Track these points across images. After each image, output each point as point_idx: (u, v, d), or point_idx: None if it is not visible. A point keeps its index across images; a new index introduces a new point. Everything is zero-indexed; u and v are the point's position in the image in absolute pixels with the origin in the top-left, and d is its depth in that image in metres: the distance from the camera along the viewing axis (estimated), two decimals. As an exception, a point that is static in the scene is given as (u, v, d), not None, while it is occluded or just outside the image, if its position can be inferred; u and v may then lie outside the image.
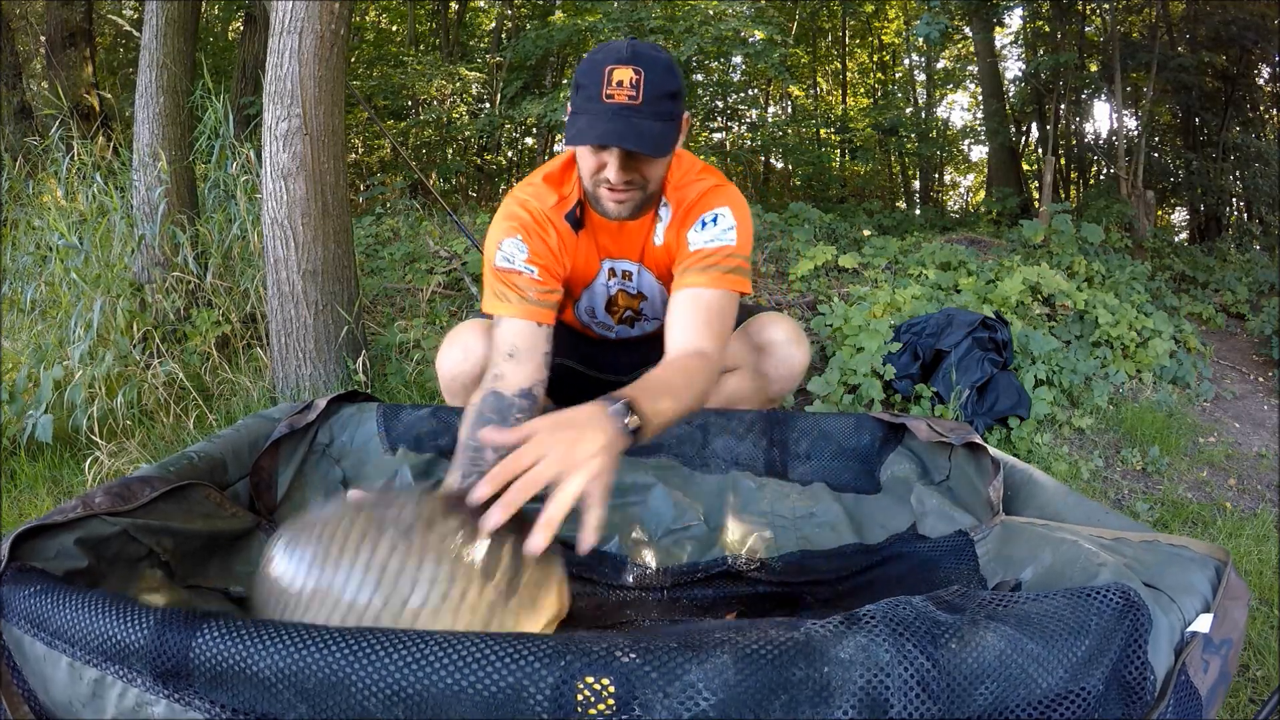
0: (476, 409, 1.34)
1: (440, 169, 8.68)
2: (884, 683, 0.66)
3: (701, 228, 1.45)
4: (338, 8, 2.44)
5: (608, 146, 1.29)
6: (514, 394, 1.36)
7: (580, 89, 1.29)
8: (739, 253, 1.44)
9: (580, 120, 1.27)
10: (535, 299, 1.44)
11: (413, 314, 3.35)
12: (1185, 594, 0.79)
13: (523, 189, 1.52)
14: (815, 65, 13.04)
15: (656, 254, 1.56)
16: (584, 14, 7.81)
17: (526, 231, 1.47)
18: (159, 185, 3.06)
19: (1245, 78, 8.60)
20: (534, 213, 1.48)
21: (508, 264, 1.45)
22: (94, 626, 0.74)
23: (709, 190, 1.48)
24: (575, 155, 1.46)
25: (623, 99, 1.24)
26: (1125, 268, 4.44)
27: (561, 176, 1.51)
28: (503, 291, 1.44)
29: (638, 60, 1.26)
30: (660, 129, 1.28)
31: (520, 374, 1.38)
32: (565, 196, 1.50)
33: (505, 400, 1.35)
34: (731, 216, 1.45)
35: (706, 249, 1.42)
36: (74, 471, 2.15)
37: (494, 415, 1.33)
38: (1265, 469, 2.78)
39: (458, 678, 0.66)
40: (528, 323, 1.42)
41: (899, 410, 2.77)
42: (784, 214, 5.67)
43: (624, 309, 1.71)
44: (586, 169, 1.37)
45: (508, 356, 1.40)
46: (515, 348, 1.40)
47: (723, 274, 1.41)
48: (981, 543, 1.18)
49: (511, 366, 1.39)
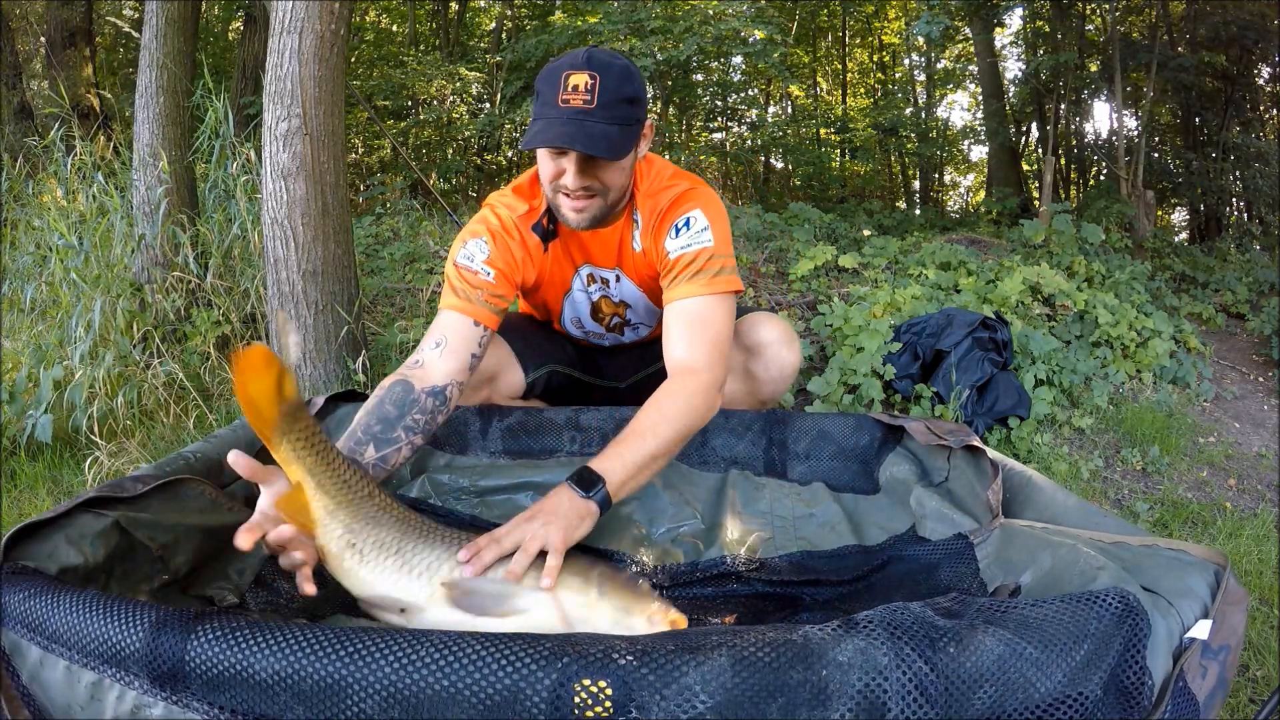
0: (379, 398, 1.33)
1: (440, 169, 8.68)
2: (882, 686, 0.66)
3: (675, 234, 1.45)
4: (338, 8, 2.44)
5: (566, 152, 1.31)
6: (423, 389, 1.34)
7: (539, 95, 1.31)
8: (719, 252, 1.44)
9: (536, 125, 1.29)
10: (483, 300, 1.45)
11: (413, 314, 3.35)
12: (1184, 598, 0.79)
13: (496, 197, 1.55)
14: (815, 65, 13.04)
15: (636, 260, 1.56)
16: (584, 14, 7.81)
17: (492, 235, 1.48)
18: (159, 185, 3.06)
19: (1245, 78, 8.61)
20: (502, 219, 1.50)
21: (466, 262, 1.47)
22: (89, 629, 0.74)
23: (680, 195, 1.48)
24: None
25: (577, 103, 1.26)
26: (1125, 268, 4.44)
27: (531, 188, 1.52)
28: (455, 285, 1.46)
29: (592, 66, 1.28)
30: (614, 132, 1.28)
31: (440, 368, 1.37)
32: (534, 208, 1.52)
33: (411, 395, 1.33)
34: (704, 217, 1.46)
35: (687, 254, 1.43)
36: (74, 472, 2.15)
37: (393, 409, 1.31)
38: (1265, 469, 2.78)
39: (454, 680, 0.66)
40: (465, 318, 1.42)
41: (899, 410, 2.77)
42: (784, 214, 5.66)
43: (610, 315, 1.72)
44: (545, 175, 1.38)
45: (434, 345, 1.39)
46: (444, 338, 1.40)
47: (710, 278, 1.41)
48: (981, 546, 1.18)
49: (434, 356, 1.38)
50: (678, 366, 1.36)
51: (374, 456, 1.27)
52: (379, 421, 1.29)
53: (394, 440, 1.29)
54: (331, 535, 1.02)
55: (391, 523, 1.04)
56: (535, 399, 1.82)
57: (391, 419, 1.30)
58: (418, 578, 0.99)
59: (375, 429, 1.29)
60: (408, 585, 0.99)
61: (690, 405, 1.30)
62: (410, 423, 1.31)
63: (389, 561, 1.00)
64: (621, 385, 1.93)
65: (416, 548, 1.02)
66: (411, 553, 1.01)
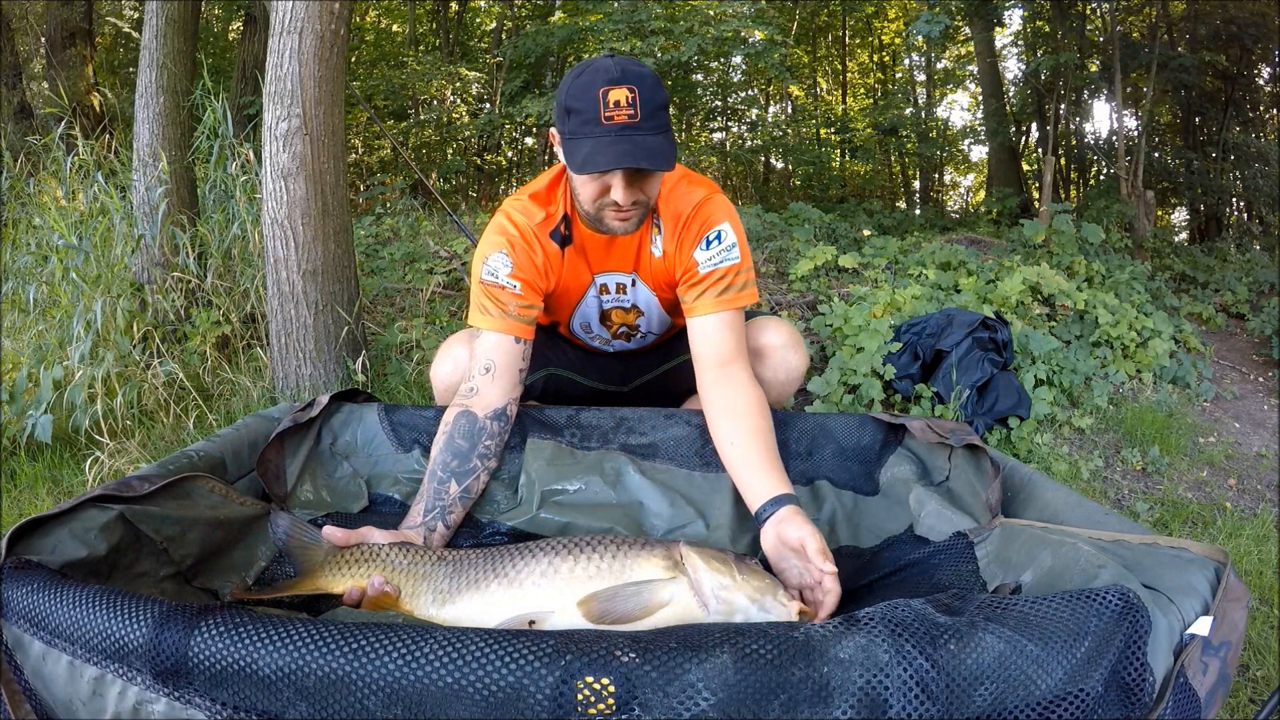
0: (448, 434, 1.41)
1: (440, 169, 8.68)
2: (883, 683, 0.66)
3: (706, 246, 1.49)
4: (338, 8, 2.45)
5: (611, 170, 1.30)
6: (486, 415, 1.43)
7: (573, 114, 1.29)
8: (744, 266, 1.50)
9: (584, 146, 1.27)
10: (515, 314, 1.47)
11: (413, 314, 3.35)
12: (1184, 595, 0.79)
13: (511, 204, 1.54)
14: (815, 65, 13.04)
15: (654, 266, 1.56)
16: (584, 14, 7.80)
17: (512, 246, 1.49)
18: (159, 185, 3.06)
19: (1245, 78, 8.61)
20: (521, 228, 1.50)
21: (492, 278, 1.48)
22: (92, 624, 0.74)
23: (703, 202, 1.50)
24: (564, 174, 1.49)
25: (622, 119, 1.26)
26: (1125, 268, 4.45)
27: (547, 195, 1.52)
28: (485, 305, 1.48)
29: (628, 79, 1.28)
30: (662, 143, 1.30)
31: (494, 391, 1.44)
32: (551, 214, 1.52)
33: (477, 424, 1.42)
34: (732, 233, 1.51)
35: (719, 270, 1.48)
36: (74, 471, 2.15)
37: (464, 441, 1.40)
38: (1265, 469, 2.79)
39: (457, 677, 0.66)
40: (506, 337, 1.47)
41: (899, 410, 2.77)
42: (784, 214, 5.66)
43: (619, 325, 1.72)
44: (588, 194, 1.38)
45: (484, 371, 1.45)
46: (492, 362, 1.45)
47: (736, 294, 1.48)
48: (981, 545, 1.18)
49: (486, 382, 1.44)
50: (720, 372, 1.46)
51: (458, 490, 1.37)
52: (454, 457, 1.39)
53: (472, 470, 1.40)
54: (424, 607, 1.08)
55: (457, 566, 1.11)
56: (533, 401, 1.82)
57: (465, 451, 1.40)
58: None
59: (453, 465, 1.39)
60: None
61: (757, 390, 1.44)
62: (483, 450, 1.42)
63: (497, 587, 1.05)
64: (625, 389, 1.93)
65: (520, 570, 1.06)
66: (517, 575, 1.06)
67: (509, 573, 1.04)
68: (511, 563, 1.05)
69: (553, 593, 1.00)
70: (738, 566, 1.02)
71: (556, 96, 1.36)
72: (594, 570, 1.01)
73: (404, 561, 1.11)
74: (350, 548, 1.14)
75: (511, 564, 1.04)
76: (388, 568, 1.10)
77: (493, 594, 1.03)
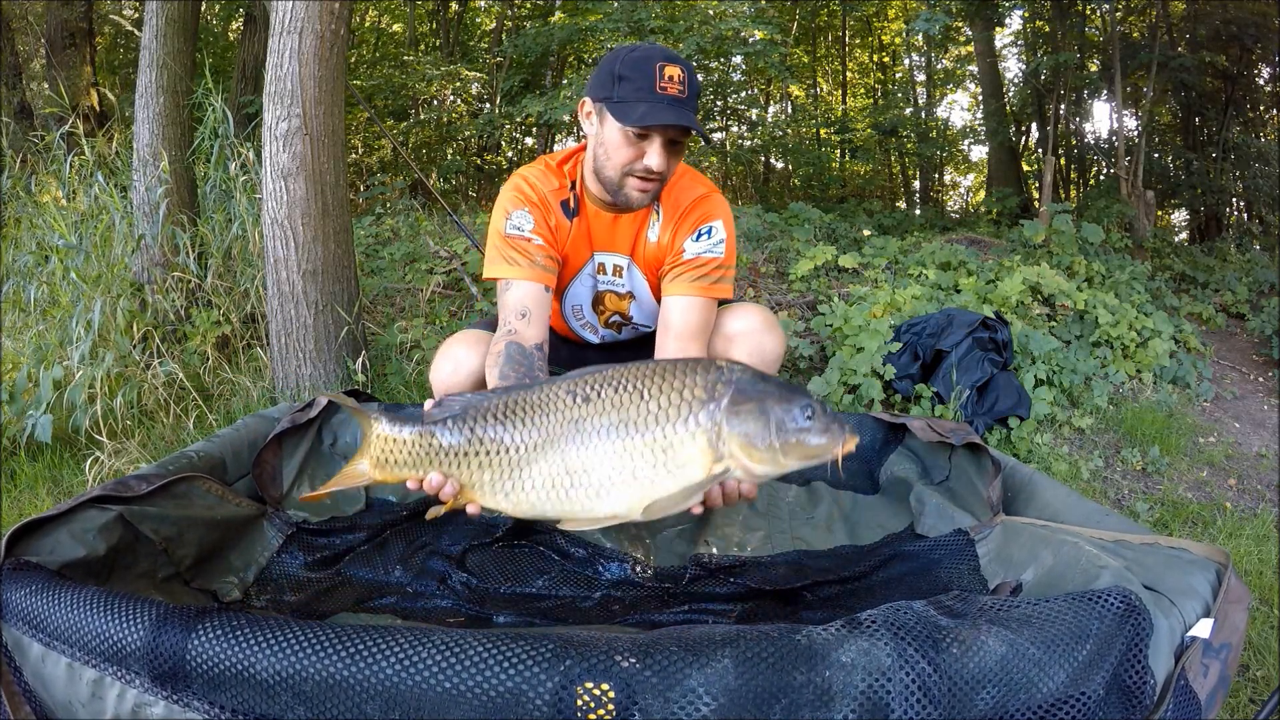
0: (502, 354, 1.43)
1: (440, 169, 8.67)
2: (885, 687, 0.66)
3: (698, 238, 1.56)
4: (338, 8, 2.44)
5: (649, 136, 1.41)
6: (532, 346, 1.46)
7: (625, 80, 1.39)
8: (726, 263, 1.57)
9: (640, 107, 1.37)
10: (543, 263, 1.52)
11: (413, 314, 3.35)
12: (1185, 597, 0.79)
13: (528, 169, 1.61)
14: (815, 65, 13.03)
15: (649, 251, 1.61)
16: (584, 14, 7.79)
17: (532, 205, 1.55)
18: (159, 185, 3.06)
19: (1245, 78, 8.61)
20: (538, 191, 1.56)
21: (517, 231, 1.52)
22: (91, 627, 0.74)
23: (702, 198, 1.58)
24: (579, 153, 1.57)
25: (674, 92, 1.38)
26: (1125, 268, 4.44)
27: (560, 166, 1.59)
28: (512, 256, 1.52)
29: (679, 61, 1.41)
30: (700, 123, 1.37)
31: (532, 332, 1.48)
32: (562, 185, 1.58)
33: (525, 350, 1.45)
34: (723, 230, 1.57)
35: (702, 258, 1.54)
36: (74, 471, 2.15)
37: (520, 358, 1.43)
38: (1265, 469, 2.78)
39: (456, 681, 0.66)
40: (537, 285, 1.51)
41: (899, 410, 2.77)
42: (784, 214, 5.66)
43: (611, 312, 1.73)
44: (621, 158, 1.44)
45: (520, 316, 1.48)
46: (527, 308, 1.49)
47: (712, 284, 1.54)
48: (982, 543, 1.18)
49: (524, 325, 1.48)
50: (679, 345, 1.50)
51: None
52: (514, 370, 1.41)
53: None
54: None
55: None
56: None
57: (524, 367, 1.42)
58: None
59: (513, 377, 1.41)
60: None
61: None
62: (539, 367, 1.44)
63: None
64: None
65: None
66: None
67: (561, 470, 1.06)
68: (560, 451, 1.06)
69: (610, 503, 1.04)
70: (781, 445, 0.99)
71: (596, 73, 1.46)
72: (636, 451, 1.03)
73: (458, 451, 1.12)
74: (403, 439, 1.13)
75: (560, 452, 1.06)
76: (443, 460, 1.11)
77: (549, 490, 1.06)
